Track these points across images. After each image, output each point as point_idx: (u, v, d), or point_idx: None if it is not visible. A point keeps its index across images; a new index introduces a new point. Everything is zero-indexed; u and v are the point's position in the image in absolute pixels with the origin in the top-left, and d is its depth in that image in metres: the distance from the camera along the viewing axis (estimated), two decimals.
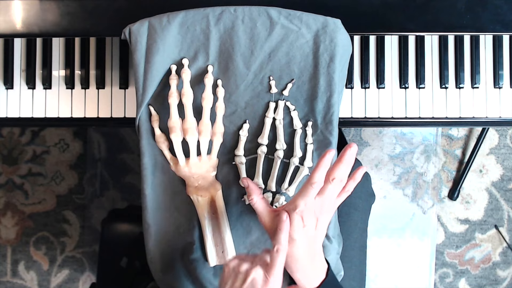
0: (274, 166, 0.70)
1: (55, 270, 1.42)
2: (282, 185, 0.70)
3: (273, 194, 0.71)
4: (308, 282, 0.60)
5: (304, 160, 0.70)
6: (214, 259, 0.70)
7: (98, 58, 0.82)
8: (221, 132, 0.70)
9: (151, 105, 0.70)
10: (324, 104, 0.69)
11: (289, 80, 0.69)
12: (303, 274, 0.60)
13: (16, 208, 1.42)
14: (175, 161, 0.69)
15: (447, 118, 0.81)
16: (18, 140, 1.41)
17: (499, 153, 1.41)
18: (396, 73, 0.82)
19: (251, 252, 0.71)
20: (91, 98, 0.82)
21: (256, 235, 0.71)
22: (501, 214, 1.41)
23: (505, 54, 0.81)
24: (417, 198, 1.40)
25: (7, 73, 0.83)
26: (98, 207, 1.40)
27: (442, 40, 0.81)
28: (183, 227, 0.71)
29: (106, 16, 0.72)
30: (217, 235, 0.70)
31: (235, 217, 0.71)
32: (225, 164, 0.71)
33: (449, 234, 1.42)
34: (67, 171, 1.41)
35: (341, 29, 0.68)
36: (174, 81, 0.68)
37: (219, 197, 0.70)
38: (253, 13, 0.68)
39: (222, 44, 0.69)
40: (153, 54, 0.67)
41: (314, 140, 0.70)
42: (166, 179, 0.70)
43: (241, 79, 0.69)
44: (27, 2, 0.72)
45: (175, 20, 0.67)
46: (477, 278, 1.42)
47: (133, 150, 1.39)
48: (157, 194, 0.70)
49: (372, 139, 1.39)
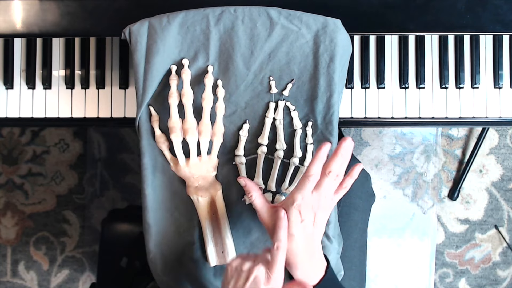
0: (274, 166, 0.70)
1: (55, 270, 1.42)
2: (282, 185, 0.71)
3: (273, 194, 0.71)
4: (307, 279, 0.61)
5: (304, 160, 0.70)
6: (214, 259, 0.70)
7: (98, 58, 0.82)
8: (221, 132, 0.70)
9: (151, 105, 0.70)
10: (324, 104, 0.69)
11: (289, 80, 0.70)
12: (302, 271, 0.61)
13: (16, 208, 1.42)
14: (175, 161, 0.69)
15: (447, 118, 0.81)
16: (18, 140, 1.41)
17: (499, 153, 1.41)
18: (396, 73, 0.82)
19: (251, 252, 0.71)
20: (91, 98, 0.82)
21: (256, 235, 0.71)
22: (501, 214, 1.41)
23: (505, 54, 0.81)
24: (417, 198, 1.40)
25: (7, 73, 0.83)
26: (98, 207, 1.40)
27: (442, 40, 0.81)
28: (183, 227, 0.71)
29: (106, 16, 0.72)
30: (217, 235, 0.70)
31: (235, 217, 0.71)
32: (225, 165, 0.71)
33: (449, 234, 1.42)
34: (67, 171, 1.41)
35: (341, 29, 0.68)
36: (174, 81, 0.68)
37: (219, 197, 0.70)
38: (253, 13, 0.68)
39: (222, 44, 0.69)
40: (153, 54, 0.67)
41: (314, 140, 0.70)
42: (166, 179, 0.71)
43: (241, 80, 0.69)
44: (27, 2, 0.72)
45: (175, 20, 0.67)
46: (477, 278, 1.42)
47: (133, 150, 1.39)
48: (157, 194, 0.70)
49: (372, 139, 1.39)
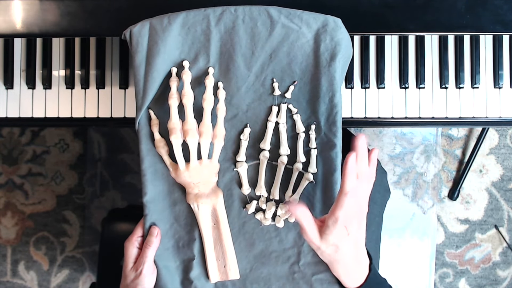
0: (277, 172, 0.68)
1: (55, 270, 1.42)
2: (286, 192, 0.68)
3: (277, 202, 0.69)
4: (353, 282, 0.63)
5: (308, 166, 0.68)
6: (215, 274, 0.68)
7: (98, 58, 0.82)
8: (222, 135, 0.67)
9: (150, 109, 0.68)
10: (327, 104, 0.67)
11: (291, 82, 0.68)
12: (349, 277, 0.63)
13: (16, 208, 1.42)
14: (175, 167, 0.67)
15: (447, 118, 0.81)
16: (18, 140, 1.41)
17: (499, 153, 1.41)
18: (396, 73, 0.82)
19: (254, 268, 0.69)
20: (91, 98, 0.82)
21: (260, 248, 0.68)
22: (501, 214, 1.41)
23: (505, 54, 0.81)
24: (417, 198, 1.40)
25: (7, 73, 0.83)
26: (98, 207, 1.40)
27: (442, 40, 0.81)
28: (183, 240, 0.69)
29: (106, 16, 0.72)
30: (218, 247, 0.68)
31: (237, 228, 0.69)
32: (226, 171, 0.69)
33: (449, 234, 1.42)
34: (67, 171, 1.41)
35: (341, 28, 0.67)
36: (175, 83, 0.67)
37: (220, 205, 0.67)
38: (253, 13, 0.67)
39: (222, 45, 0.68)
40: (154, 56, 0.66)
41: (318, 144, 0.68)
42: (166, 188, 0.68)
43: (242, 81, 0.68)
44: (27, 2, 0.72)
45: (176, 20, 0.67)
46: (477, 278, 1.42)
47: (133, 150, 1.39)
48: (156, 203, 0.68)
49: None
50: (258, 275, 0.69)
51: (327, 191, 0.67)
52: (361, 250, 0.63)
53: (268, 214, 0.68)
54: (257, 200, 0.69)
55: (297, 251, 0.68)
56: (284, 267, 0.68)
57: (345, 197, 0.58)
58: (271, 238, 0.69)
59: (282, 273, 0.68)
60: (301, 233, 0.62)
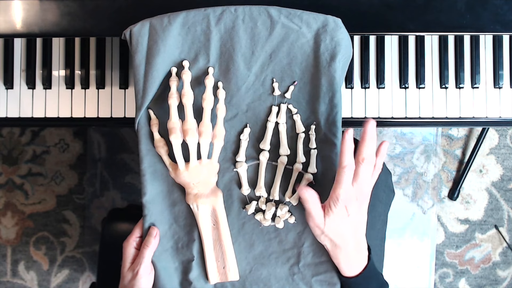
0: (277, 172, 0.68)
1: (55, 270, 1.42)
2: (286, 193, 0.68)
3: (276, 203, 0.69)
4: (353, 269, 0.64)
5: (308, 166, 0.68)
6: (215, 275, 0.68)
7: (98, 58, 0.82)
8: (222, 135, 0.67)
9: (150, 108, 0.68)
10: (326, 105, 0.67)
11: (291, 82, 0.68)
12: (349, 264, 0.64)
13: (16, 208, 1.42)
14: (175, 167, 0.66)
15: (447, 118, 0.81)
16: (18, 140, 1.41)
17: (499, 153, 1.41)
18: (396, 73, 0.82)
19: (254, 269, 0.69)
20: (91, 98, 0.82)
21: (260, 249, 0.68)
22: (501, 214, 1.41)
23: (505, 54, 0.81)
24: (417, 198, 1.40)
25: (7, 73, 0.83)
26: (98, 207, 1.40)
27: (442, 40, 0.81)
28: (182, 241, 0.68)
29: (106, 16, 0.72)
30: (218, 248, 0.68)
31: (236, 229, 0.68)
32: (225, 171, 0.69)
33: (449, 234, 1.41)
34: (67, 171, 1.41)
35: (341, 28, 0.67)
36: (175, 82, 0.67)
37: (220, 205, 0.67)
38: (253, 12, 0.67)
39: (222, 45, 0.68)
40: (154, 55, 0.66)
41: (318, 144, 0.68)
42: (165, 188, 0.68)
43: (242, 81, 0.68)
44: (27, 2, 0.72)
45: (176, 20, 0.67)
46: (477, 278, 1.42)
47: (133, 150, 1.39)
48: (155, 204, 0.68)
49: None
50: (257, 276, 0.69)
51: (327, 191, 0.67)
52: (361, 238, 0.63)
53: (268, 214, 0.68)
54: (256, 201, 0.69)
55: (297, 252, 0.68)
56: (284, 268, 0.68)
57: (343, 173, 0.59)
58: (271, 239, 0.68)
59: (282, 274, 0.68)
60: (306, 218, 0.62)
